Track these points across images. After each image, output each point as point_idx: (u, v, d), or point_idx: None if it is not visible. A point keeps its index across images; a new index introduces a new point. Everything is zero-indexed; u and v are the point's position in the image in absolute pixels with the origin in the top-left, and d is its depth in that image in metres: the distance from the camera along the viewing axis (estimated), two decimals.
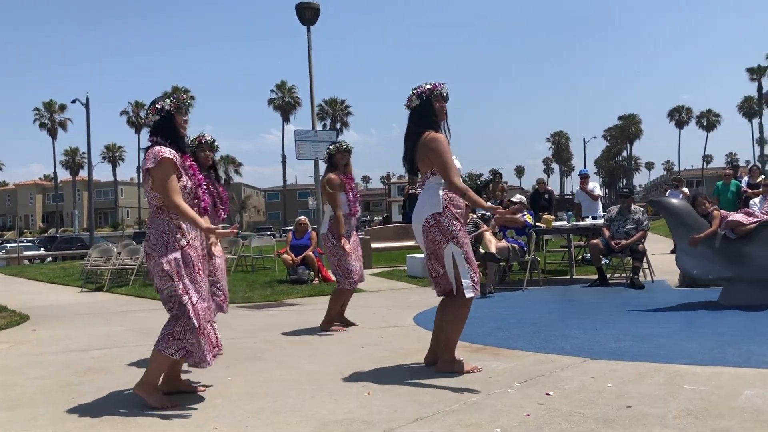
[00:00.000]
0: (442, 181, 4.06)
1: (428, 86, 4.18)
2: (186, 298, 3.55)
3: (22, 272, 17.03)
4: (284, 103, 69.07)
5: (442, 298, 4.28)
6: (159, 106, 3.72)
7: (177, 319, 3.58)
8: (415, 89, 4.20)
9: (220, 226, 4.72)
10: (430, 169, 4.12)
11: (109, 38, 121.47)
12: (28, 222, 79.24)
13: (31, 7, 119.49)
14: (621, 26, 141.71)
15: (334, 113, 70.98)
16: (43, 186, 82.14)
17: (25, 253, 28.92)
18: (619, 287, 8.30)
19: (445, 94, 4.22)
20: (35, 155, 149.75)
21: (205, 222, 3.79)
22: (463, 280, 4.00)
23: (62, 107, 69.85)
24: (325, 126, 64.62)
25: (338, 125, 69.47)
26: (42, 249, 33.07)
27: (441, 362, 4.14)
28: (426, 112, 4.17)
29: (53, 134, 70.93)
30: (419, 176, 4.33)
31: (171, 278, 3.55)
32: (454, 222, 4.02)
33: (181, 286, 3.56)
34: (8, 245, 35.68)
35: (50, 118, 70.60)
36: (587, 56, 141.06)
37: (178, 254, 3.57)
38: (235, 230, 4.85)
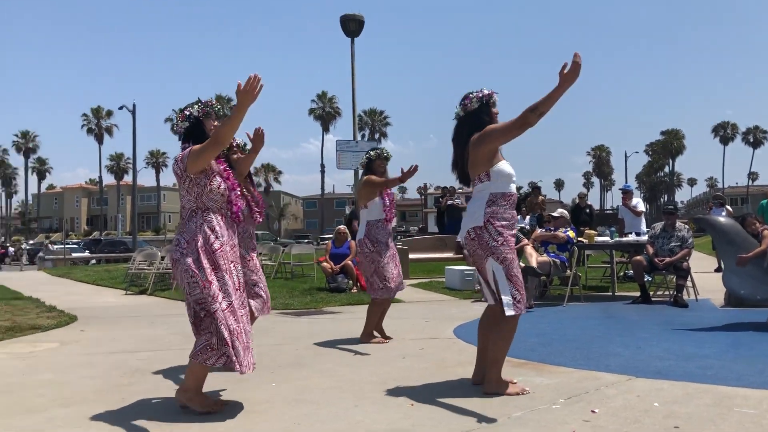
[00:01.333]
0: (490, 189, 3.92)
1: (486, 91, 4.08)
2: (216, 306, 3.48)
3: (69, 273, 17.48)
4: (324, 113, 69.70)
5: (483, 312, 4.24)
6: (187, 113, 3.74)
7: (209, 329, 3.51)
8: (472, 93, 4.08)
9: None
10: (479, 173, 3.97)
11: (156, 47, 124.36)
12: (74, 225, 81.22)
13: (81, 16, 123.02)
14: (663, 39, 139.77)
15: (373, 123, 71.37)
16: (88, 190, 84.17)
17: (72, 255, 29.66)
18: (662, 305, 8.17)
19: (497, 102, 4.14)
20: (82, 160, 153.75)
21: (233, 230, 3.74)
22: (503, 297, 3.86)
23: (109, 113, 71.61)
24: (363, 136, 64.98)
25: (377, 135, 69.80)
26: (87, 251, 33.84)
27: (487, 383, 3.97)
28: (483, 116, 4.04)
29: (100, 140, 72.69)
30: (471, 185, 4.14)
31: (200, 285, 3.49)
32: (496, 237, 3.86)
33: (211, 293, 3.48)
34: (54, 246, 36.67)
35: (97, 124, 72.39)
36: (629, 69, 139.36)
37: (208, 259, 3.52)
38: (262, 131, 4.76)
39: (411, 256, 13.26)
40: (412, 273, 12.49)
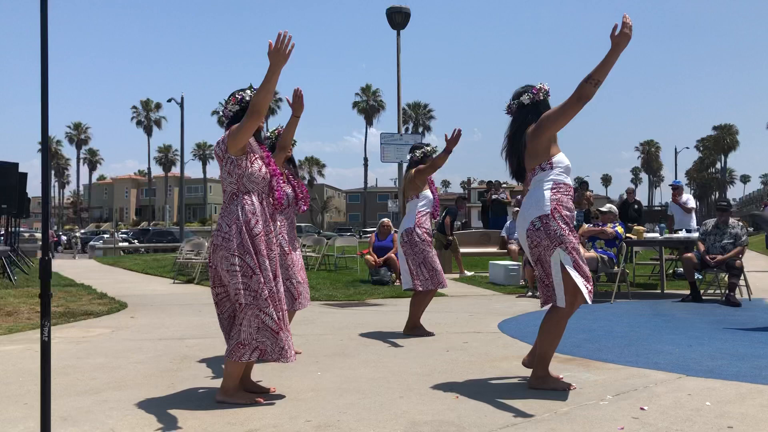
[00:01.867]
0: (550, 177, 3.78)
1: (546, 86, 3.99)
2: (261, 293, 3.42)
3: (118, 262, 17.95)
4: (368, 107, 69.85)
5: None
6: (239, 97, 3.67)
7: (242, 323, 3.44)
8: (539, 84, 3.99)
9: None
10: (540, 163, 3.83)
11: (204, 40, 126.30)
12: (123, 215, 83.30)
13: (133, 10, 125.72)
14: (718, 32, 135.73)
15: (417, 117, 71.23)
16: (137, 181, 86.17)
17: (121, 244, 30.43)
18: (714, 304, 7.97)
19: None
20: (131, 151, 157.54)
21: (273, 216, 3.67)
22: (582, 289, 3.72)
23: (158, 106, 73.21)
24: (407, 129, 64.95)
25: (420, 129, 69.64)
26: (135, 241, 34.66)
27: (534, 378, 3.91)
28: (545, 110, 3.92)
29: (149, 132, 74.34)
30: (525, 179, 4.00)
31: (241, 272, 3.42)
32: (563, 225, 3.72)
33: (254, 281, 3.42)
34: (105, 236, 37.66)
35: (146, 116, 74.04)
36: (681, 62, 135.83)
37: (250, 246, 3.45)
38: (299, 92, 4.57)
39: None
40: (456, 267, 12.43)
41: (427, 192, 5.96)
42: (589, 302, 3.80)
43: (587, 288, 3.75)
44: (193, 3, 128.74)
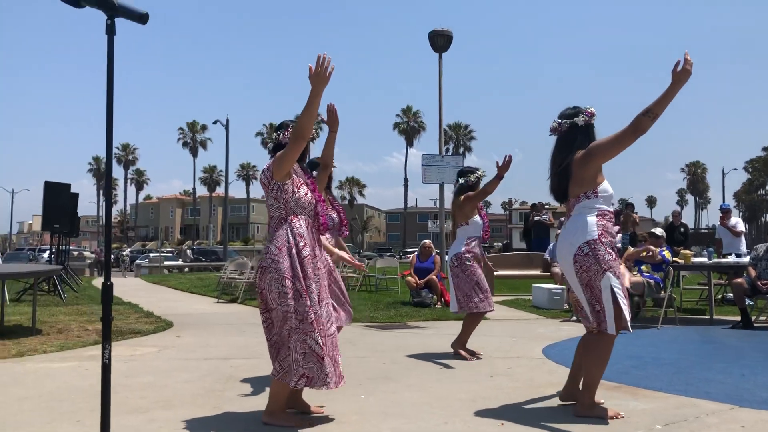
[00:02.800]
0: (595, 204, 3.81)
1: (592, 109, 3.98)
2: (309, 317, 3.44)
3: (164, 281, 18.29)
4: (409, 128, 70.13)
5: (584, 334, 4.10)
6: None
7: (289, 347, 3.47)
8: (588, 107, 3.97)
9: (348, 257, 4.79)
10: (585, 191, 3.84)
11: (248, 64, 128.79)
12: (168, 234, 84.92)
13: (179, 34, 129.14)
14: (764, 50, 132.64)
15: (458, 137, 71.22)
16: (182, 200, 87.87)
17: (166, 263, 31.00)
18: (766, 331, 7.73)
19: None
20: (177, 172, 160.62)
21: (324, 240, 3.77)
22: (625, 314, 3.73)
23: (204, 127, 74.69)
24: (448, 150, 64.93)
25: (461, 150, 69.58)
26: (180, 260, 35.28)
27: (580, 406, 3.86)
28: (592, 134, 3.95)
29: (194, 152, 75.91)
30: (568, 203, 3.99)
31: (289, 295, 3.45)
32: (611, 251, 3.75)
33: (304, 305, 3.45)
34: (151, 254, 38.43)
35: (192, 138, 75.62)
36: (728, 81, 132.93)
37: (298, 269, 3.49)
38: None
39: (496, 273, 13.10)
40: (498, 290, 12.33)
41: (476, 218, 6.09)
42: (630, 330, 3.83)
43: (630, 314, 3.79)
44: (238, 27, 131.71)
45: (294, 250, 3.52)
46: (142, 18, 2.63)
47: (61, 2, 2.45)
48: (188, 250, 38.60)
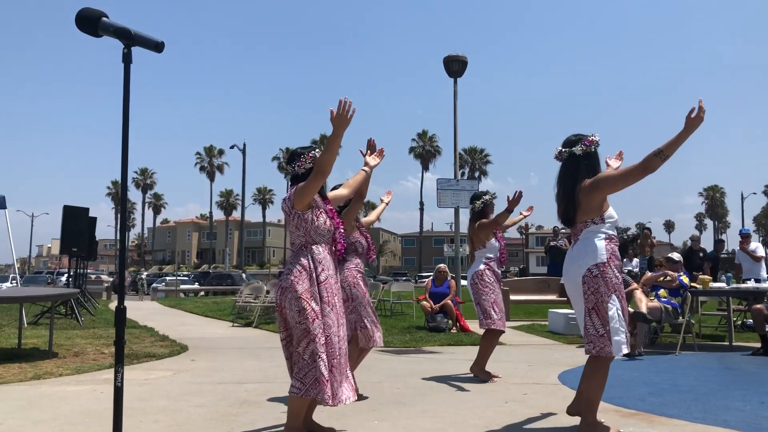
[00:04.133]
0: (602, 229, 3.93)
1: (597, 138, 4.09)
2: (317, 339, 3.57)
3: (179, 304, 18.36)
4: (424, 152, 70.29)
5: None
6: (313, 155, 3.86)
7: (304, 359, 3.60)
8: (591, 136, 4.08)
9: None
10: (591, 218, 3.96)
11: (264, 89, 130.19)
12: (184, 257, 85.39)
13: (195, 60, 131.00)
14: None
15: (474, 162, 71.22)
16: (199, 224, 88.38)
17: (182, 286, 31.15)
18: None
19: None
20: (194, 196, 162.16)
21: (336, 266, 3.90)
22: (614, 337, 3.82)
23: (221, 152, 75.33)
24: (463, 174, 64.93)
25: (477, 174, 69.58)
26: (196, 283, 35.42)
27: (583, 425, 3.92)
28: (595, 161, 4.08)
29: (211, 177, 76.47)
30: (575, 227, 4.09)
31: (309, 315, 3.58)
32: (618, 274, 3.92)
33: (315, 326, 3.58)
34: (167, 278, 38.63)
35: (209, 162, 76.26)
36: (745, 104, 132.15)
37: (316, 291, 3.65)
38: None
39: (512, 297, 13.04)
40: (514, 315, 12.26)
41: (493, 241, 6.23)
42: (626, 352, 3.93)
43: (627, 338, 3.90)
44: (255, 53, 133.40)
45: (313, 275, 3.69)
46: (157, 47, 2.69)
47: (81, 32, 2.52)
48: (245, 273, 37.80)
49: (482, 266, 6.13)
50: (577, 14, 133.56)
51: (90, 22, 2.61)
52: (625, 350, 3.89)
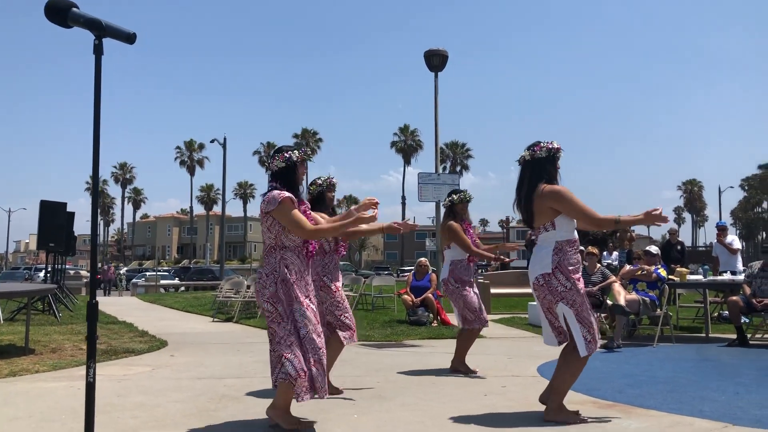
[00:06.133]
0: (555, 238, 4.13)
1: (556, 145, 4.30)
2: (286, 340, 3.70)
3: (159, 300, 18.23)
4: (406, 146, 70.34)
5: (565, 345, 4.26)
6: (288, 155, 3.95)
7: (274, 362, 3.79)
8: (543, 143, 4.30)
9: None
10: (544, 223, 4.18)
11: (245, 82, 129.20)
12: (165, 253, 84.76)
13: (175, 52, 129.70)
14: (758, 69, 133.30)
15: (455, 156, 71.40)
16: (179, 219, 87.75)
17: (162, 282, 30.92)
18: (762, 349, 7.72)
19: (560, 158, 4.37)
20: (174, 190, 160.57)
21: (307, 266, 3.98)
22: (576, 341, 4.05)
23: (201, 146, 74.75)
24: (445, 169, 65.04)
25: (458, 168, 69.74)
26: (176, 278, 35.17)
27: (548, 410, 4.13)
28: (548, 166, 4.28)
29: (191, 171, 75.89)
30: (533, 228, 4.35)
31: (271, 318, 3.76)
32: (564, 282, 4.07)
33: (282, 328, 3.73)
34: (147, 274, 38.33)
35: (190, 157, 75.66)
36: (722, 100, 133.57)
37: (284, 292, 3.77)
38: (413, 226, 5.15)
39: (492, 290, 13.10)
40: (494, 308, 12.32)
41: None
42: (588, 354, 4.07)
43: (587, 339, 4.04)
44: (235, 46, 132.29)
45: (280, 278, 3.80)
46: (129, 38, 2.65)
47: (50, 22, 2.48)
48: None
49: (447, 274, 6.18)
50: (558, 9, 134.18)
51: (59, 13, 2.57)
52: (585, 353, 4.04)
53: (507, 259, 6.60)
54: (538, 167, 4.26)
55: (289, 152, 3.96)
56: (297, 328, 3.74)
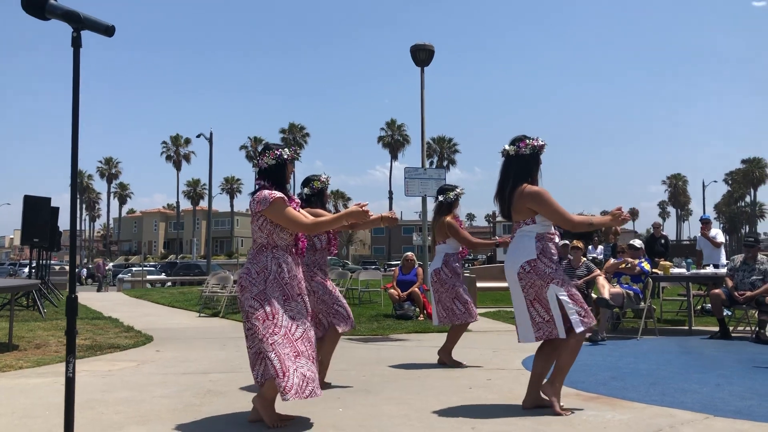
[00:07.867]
0: (536, 230, 4.19)
1: (541, 142, 4.32)
2: (272, 339, 3.64)
3: (145, 295, 18.14)
4: (393, 141, 70.35)
5: (541, 342, 4.32)
6: (278, 153, 3.93)
7: (252, 360, 3.82)
8: (529, 139, 4.30)
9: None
10: (524, 219, 4.23)
11: (232, 76, 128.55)
12: (151, 248, 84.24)
13: (162, 47, 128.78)
14: (746, 64, 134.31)
15: (442, 151, 71.46)
16: (166, 214, 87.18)
17: (148, 277, 30.77)
18: (743, 341, 7.81)
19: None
20: (160, 185, 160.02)
21: (298, 263, 3.98)
22: (571, 318, 4.09)
23: (187, 141, 74.27)
24: (432, 163, 65.09)
25: (445, 163, 69.82)
26: (163, 274, 35.02)
27: (545, 386, 4.24)
28: (531, 164, 4.31)
29: (178, 166, 75.44)
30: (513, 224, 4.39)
31: (255, 316, 3.68)
32: (550, 264, 4.14)
33: (268, 326, 3.67)
34: (133, 269, 38.12)
35: (176, 151, 75.18)
36: (707, 95, 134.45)
37: (277, 290, 3.75)
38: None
39: (479, 284, 13.13)
40: (480, 302, 12.36)
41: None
42: (584, 328, 4.15)
43: (581, 315, 4.13)
44: (221, 41, 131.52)
45: (270, 277, 3.77)
46: (108, 31, 2.63)
47: (29, 15, 2.46)
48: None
49: (440, 264, 6.21)
50: (545, 5, 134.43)
51: (37, 4, 2.54)
52: (581, 328, 4.10)
53: (502, 239, 6.39)
54: (522, 166, 4.29)
55: (280, 150, 3.95)
56: (286, 328, 3.69)
